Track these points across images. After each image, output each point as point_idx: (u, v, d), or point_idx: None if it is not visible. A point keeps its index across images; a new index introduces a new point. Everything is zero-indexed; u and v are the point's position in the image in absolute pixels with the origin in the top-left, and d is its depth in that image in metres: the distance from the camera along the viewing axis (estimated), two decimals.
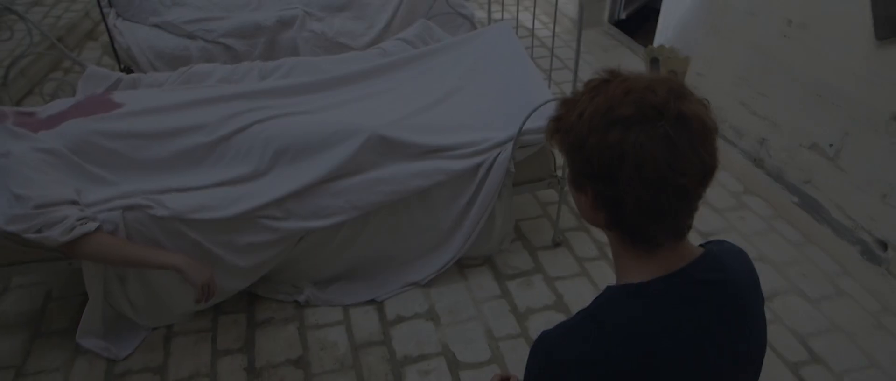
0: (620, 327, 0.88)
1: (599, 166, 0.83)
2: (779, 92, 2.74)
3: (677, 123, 0.79)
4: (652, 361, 0.85)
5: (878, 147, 2.31)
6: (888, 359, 2.10)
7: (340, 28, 3.36)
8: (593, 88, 0.88)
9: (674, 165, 0.79)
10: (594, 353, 0.87)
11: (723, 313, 0.90)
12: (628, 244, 0.91)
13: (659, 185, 0.80)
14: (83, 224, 1.82)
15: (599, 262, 2.49)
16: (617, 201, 0.84)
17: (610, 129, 0.81)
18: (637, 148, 0.79)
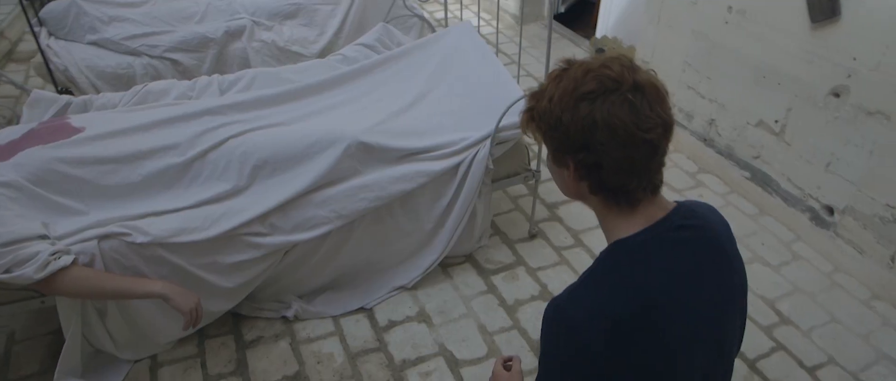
0: (620, 276, 1.00)
1: (577, 138, 0.96)
2: (724, 75, 2.91)
3: (634, 89, 0.94)
4: (653, 301, 0.97)
5: (818, 121, 2.50)
6: (845, 313, 2.29)
7: (291, 36, 3.30)
8: (556, 76, 1.02)
9: (639, 124, 0.93)
10: (602, 304, 0.97)
11: (705, 252, 1.04)
12: (612, 205, 1.03)
13: (630, 142, 0.94)
14: (57, 259, 1.72)
15: (576, 249, 2.58)
16: (596, 166, 0.97)
17: (579, 104, 0.96)
18: (605, 115, 0.93)
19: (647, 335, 0.98)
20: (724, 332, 1.08)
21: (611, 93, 0.94)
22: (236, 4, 3.31)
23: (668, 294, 0.99)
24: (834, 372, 2.06)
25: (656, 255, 1.01)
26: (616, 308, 0.97)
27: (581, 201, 1.11)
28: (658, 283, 0.99)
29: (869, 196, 2.38)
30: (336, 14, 3.38)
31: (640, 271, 1.00)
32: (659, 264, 1.00)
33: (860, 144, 2.37)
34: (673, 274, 1.00)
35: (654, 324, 0.98)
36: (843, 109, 2.40)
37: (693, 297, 1.01)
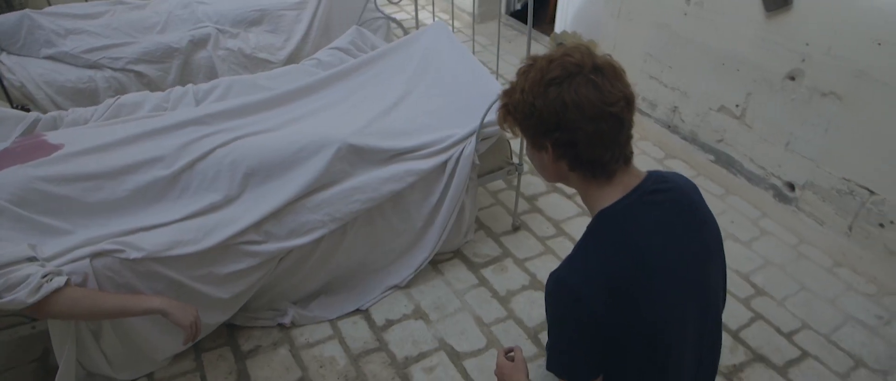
0: (609, 241, 1.12)
1: (550, 119, 1.09)
2: (685, 64, 3.05)
3: (595, 70, 1.07)
4: (643, 258, 1.10)
5: (777, 103, 2.66)
6: (813, 281, 2.45)
7: (257, 43, 3.26)
8: (524, 71, 1.14)
9: (603, 99, 1.06)
10: (598, 268, 1.09)
11: (680, 210, 1.17)
12: (590, 179, 1.15)
13: (598, 117, 1.06)
14: (50, 281, 1.67)
15: (559, 238, 2.66)
16: (572, 142, 1.10)
17: (548, 89, 1.08)
18: (573, 95, 1.06)
19: (642, 292, 1.10)
20: (708, 280, 1.20)
21: (575, 76, 1.07)
22: (199, 13, 3.25)
23: (654, 251, 1.11)
24: (809, 336, 2.21)
25: (638, 217, 1.13)
26: (611, 270, 1.09)
27: (562, 183, 1.23)
28: (644, 241, 1.11)
29: (826, 171, 2.55)
30: (302, 19, 3.36)
31: (626, 233, 1.12)
32: (641, 225, 1.13)
33: (816, 124, 2.53)
34: (655, 232, 1.13)
35: (647, 280, 1.11)
36: (798, 91, 2.56)
37: (676, 250, 1.14)
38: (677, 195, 1.18)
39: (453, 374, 2.04)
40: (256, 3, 3.34)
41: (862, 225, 2.48)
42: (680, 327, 1.16)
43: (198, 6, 3.29)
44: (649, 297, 1.11)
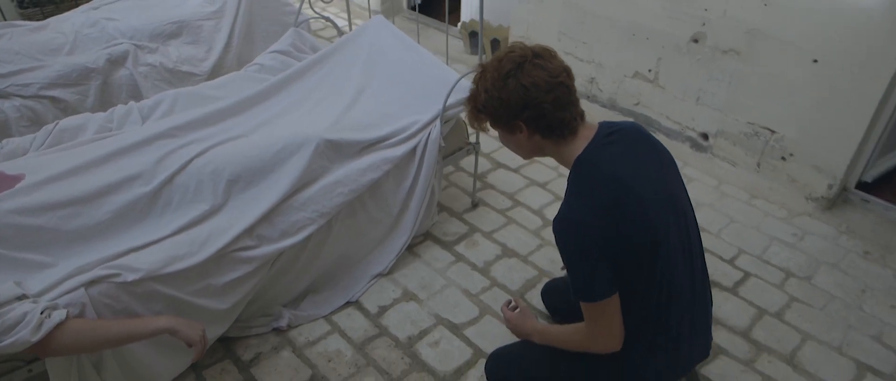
0: (593, 177, 1.40)
1: (517, 103, 1.38)
2: (598, 38, 3.35)
3: (535, 56, 1.38)
4: (622, 183, 1.37)
5: (684, 64, 3.02)
6: (737, 214, 2.82)
7: (179, 56, 3.14)
8: (479, 77, 1.45)
9: (550, 74, 1.37)
10: (591, 200, 1.37)
11: (635, 142, 1.48)
12: (560, 140, 1.44)
13: (552, 88, 1.37)
14: (49, 316, 1.58)
15: (517, 208, 2.84)
16: (540, 115, 1.39)
17: (507, 81, 1.38)
18: (528, 79, 1.36)
19: (628, 206, 1.38)
20: (671, 187, 1.50)
21: (523, 64, 1.37)
22: (110, 30, 3.07)
23: (628, 175, 1.39)
24: (746, 259, 2.56)
25: (605, 154, 1.43)
26: (599, 197, 1.37)
27: (537, 156, 1.54)
28: (617, 169, 1.40)
29: (733, 118, 2.94)
30: (221, 28, 3.27)
31: (601, 165, 1.41)
32: (611, 158, 1.42)
33: (721, 78, 2.91)
34: (621, 160, 1.42)
35: (627, 196, 1.38)
36: (702, 51, 2.93)
37: (641, 170, 1.43)
38: (627, 133, 1.49)
39: (458, 344, 2.15)
40: (171, 15, 3.21)
41: (768, 161, 2.89)
42: (664, 230, 1.43)
43: (107, 23, 3.10)
44: (634, 209, 1.38)
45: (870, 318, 2.30)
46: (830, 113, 2.61)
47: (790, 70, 2.65)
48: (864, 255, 2.60)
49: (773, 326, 2.25)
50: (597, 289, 1.40)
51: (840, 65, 2.51)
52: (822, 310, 2.33)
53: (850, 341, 2.20)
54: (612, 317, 1.45)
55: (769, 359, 2.12)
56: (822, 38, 2.51)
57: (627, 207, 1.37)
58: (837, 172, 2.69)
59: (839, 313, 2.32)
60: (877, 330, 2.25)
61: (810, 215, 2.80)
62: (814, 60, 2.57)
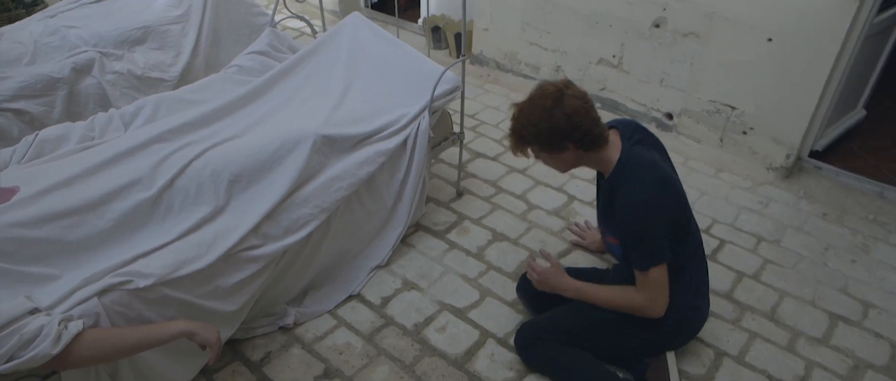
0: (641, 169, 1.72)
1: (566, 128, 1.68)
2: (561, 27, 3.47)
3: (566, 87, 1.72)
4: (662, 169, 1.74)
5: (647, 48, 3.18)
6: (707, 187, 3.00)
7: (146, 62, 3.07)
8: (519, 112, 1.77)
9: (583, 100, 1.71)
10: (647, 184, 1.69)
11: (648, 140, 1.86)
12: (599, 149, 1.77)
13: (587, 110, 1.71)
14: (66, 328, 1.55)
15: (501, 195, 2.93)
16: (585, 134, 1.71)
17: (553, 111, 1.68)
18: (569, 107, 1.67)
19: (674, 190, 1.74)
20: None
21: (562, 96, 1.69)
22: (73, 38, 2.96)
23: (660, 163, 1.78)
24: (720, 228, 2.73)
25: (639, 150, 1.78)
26: (654, 182, 1.69)
27: (576, 167, 1.84)
28: (654, 160, 1.76)
29: (696, 98, 3.11)
30: (188, 32, 3.21)
31: (643, 160, 1.74)
32: (645, 153, 1.77)
33: (682, 60, 3.08)
34: (650, 154, 1.78)
35: (670, 182, 1.74)
36: (664, 35, 3.09)
37: (672, 170, 1.81)
38: (643, 135, 1.85)
39: (464, 327, 2.22)
40: (136, 20, 3.13)
41: (730, 136, 3.08)
42: (688, 206, 1.84)
43: (68, 31, 3.00)
44: (674, 189, 1.75)
45: (835, 273, 2.50)
46: (785, 88, 2.81)
47: (747, 49, 2.84)
48: (823, 217, 2.82)
49: (752, 287, 2.42)
50: (665, 254, 1.72)
51: (792, 43, 2.71)
52: (792, 269, 2.51)
53: (820, 295, 2.39)
54: (666, 283, 1.76)
55: (753, 317, 2.28)
56: (776, 18, 2.70)
57: (671, 187, 1.73)
58: (794, 143, 2.91)
59: (808, 270, 2.51)
60: (842, 284, 2.45)
61: (772, 183, 3.01)
62: (768, 39, 2.76)
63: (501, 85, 3.94)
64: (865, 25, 2.62)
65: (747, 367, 2.08)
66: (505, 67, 3.90)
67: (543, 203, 2.87)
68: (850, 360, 2.13)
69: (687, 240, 1.85)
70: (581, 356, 1.94)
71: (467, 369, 2.06)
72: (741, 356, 2.12)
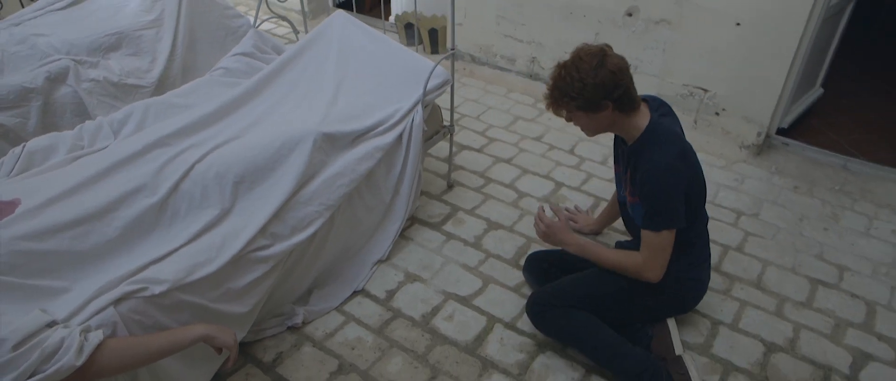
0: (665, 135, 1.82)
1: (610, 85, 1.74)
2: (536, 19, 3.55)
3: (607, 47, 1.78)
4: (684, 140, 1.86)
5: (621, 37, 3.28)
6: None
7: (122, 69, 2.99)
8: (562, 71, 1.80)
9: (622, 59, 1.78)
10: (672, 152, 1.78)
11: (674, 116, 1.97)
12: (631, 113, 1.83)
13: (627, 69, 1.78)
14: (87, 339, 1.53)
15: (491, 185, 2.99)
16: (625, 93, 1.77)
17: (598, 70, 1.73)
18: (613, 66, 1.74)
19: (693, 161, 1.86)
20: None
21: (605, 56, 1.75)
22: (43, 46, 2.86)
23: (682, 135, 1.86)
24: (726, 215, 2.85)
25: (666, 121, 1.88)
26: (678, 151, 1.80)
27: (605, 131, 1.90)
28: (677, 131, 1.89)
29: (669, 82, 3.24)
30: (163, 37, 3.14)
31: (668, 130, 1.84)
32: (670, 125, 1.88)
33: (655, 47, 3.20)
34: (674, 126, 1.90)
35: (690, 152, 1.85)
36: (637, 23, 3.20)
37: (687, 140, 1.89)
38: (667, 110, 1.94)
39: (471, 314, 2.27)
40: (108, 26, 3.05)
41: (703, 117, 3.22)
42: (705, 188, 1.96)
43: (37, 39, 2.90)
44: (694, 159, 1.87)
45: (810, 241, 2.66)
46: (754, 69, 2.96)
47: (717, 34, 2.98)
48: (795, 189, 2.99)
49: (737, 259, 2.55)
50: (679, 220, 1.82)
51: (759, 26, 2.85)
52: (772, 239, 2.66)
53: (799, 262, 2.54)
54: (670, 249, 1.85)
55: (741, 286, 2.41)
56: (743, 3, 2.84)
57: (691, 157, 1.85)
58: (764, 121, 3.06)
59: (786, 240, 2.66)
60: (817, 250, 2.61)
61: (745, 161, 3.16)
62: (737, 23, 2.90)
63: (477, 78, 4.00)
64: (824, 7, 2.78)
65: (742, 333, 2.20)
66: (480, 60, 3.96)
67: (532, 191, 2.94)
68: (832, 320, 2.27)
69: (697, 217, 1.95)
70: (590, 320, 2.01)
71: (479, 354, 2.11)
72: (735, 324, 2.24)
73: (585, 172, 3.10)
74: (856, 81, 4.13)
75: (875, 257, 2.58)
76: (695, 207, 1.89)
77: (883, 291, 2.41)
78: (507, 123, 3.54)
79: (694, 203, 1.88)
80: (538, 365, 2.07)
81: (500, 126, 3.50)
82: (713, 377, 2.04)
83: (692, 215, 1.88)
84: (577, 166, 3.15)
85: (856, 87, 4.06)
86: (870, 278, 2.48)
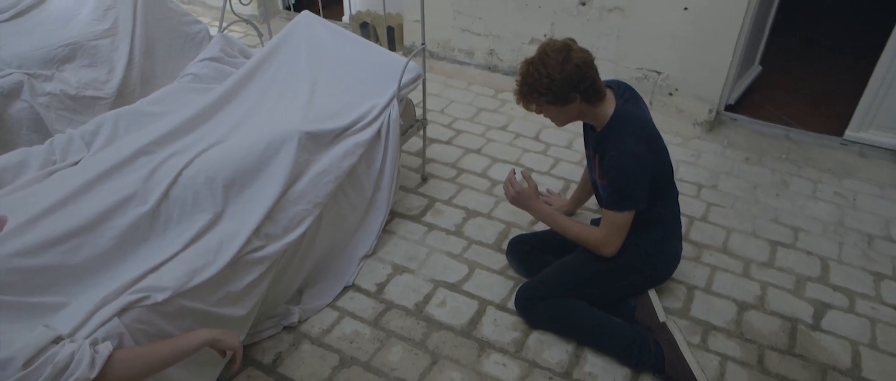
0: (631, 120, 1.90)
1: (576, 79, 1.81)
2: (492, 12, 3.65)
3: (571, 42, 1.85)
4: (651, 124, 1.96)
5: (576, 25, 3.42)
6: None
7: (79, 81, 2.90)
8: (530, 68, 1.86)
9: (586, 53, 1.85)
10: (636, 134, 1.88)
11: (637, 99, 2.03)
12: (598, 103, 1.91)
13: (591, 61, 1.86)
14: (97, 351, 1.52)
15: (464, 175, 3.06)
16: (591, 85, 1.85)
17: (564, 65, 1.80)
18: (578, 59, 1.81)
19: (660, 144, 1.95)
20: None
21: (570, 51, 1.82)
22: None
23: (649, 120, 1.94)
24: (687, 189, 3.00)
25: (631, 107, 1.96)
26: (644, 136, 1.88)
27: (576, 120, 1.99)
28: (643, 116, 1.96)
29: (625, 66, 3.40)
30: (119, 46, 3.06)
31: (635, 116, 1.93)
32: (635, 110, 1.96)
33: (609, 34, 3.35)
34: (641, 111, 1.97)
35: (657, 136, 1.94)
36: (591, 12, 3.34)
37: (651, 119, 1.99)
38: (631, 95, 2.01)
39: (462, 300, 2.33)
40: (60, 37, 2.94)
41: (658, 98, 3.39)
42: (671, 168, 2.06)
43: None
44: (660, 143, 1.95)
45: (765, 207, 2.86)
46: (703, 51, 3.15)
47: (666, 19, 3.15)
48: (746, 161, 3.20)
49: (703, 228, 2.71)
50: (639, 203, 1.93)
51: (705, 9, 3.04)
52: (732, 208, 2.84)
53: (758, 226, 2.73)
54: (626, 228, 1.95)
55: (710, 253, 2.57)
56: None
57: (657, 141, 1.95)
58: (714, 99, 3.26)
59: (744, 207, 2.85)
60: (773, 215, 2.81)
61: (699, 137, 3.36)
62: (685, 8, 3.08)
63: (437, 73, 4.07)
64: None
65: (715, 295, 2.36)
66: (438, 55, 4.02)
67: (504, 178, 3.03)
68: (792, 276, 2.46)
69: (666, 193, 2.07)
70: (578, 305, 2.12)
71: (475, 336, 2.18)
72: (708, 287, 2.40)
73: (553, 157, 3.22)
74: (789, 59, 4.43)
75: (823, 218, 2.81)
76: (662, 186, 2.01)
77: (833, 247, 2.63)
78: (471, 114, 3.62)
79: (661, 183, 1.99)
80: (533, 341, 2.16)
81: (465, 118, 3.58)
82: (695, 337, 2.18)
83: (659, 194, 2.00)
84: (544, 152, 3.26)
85: (789, 64, 4.35)
86: (820, 236, 2.69)
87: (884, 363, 2.10)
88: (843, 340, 2.19)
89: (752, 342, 2.16)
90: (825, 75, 4.22)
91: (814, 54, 4.59)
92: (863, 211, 2.86)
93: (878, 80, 3.06)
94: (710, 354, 2.12)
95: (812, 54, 4.59)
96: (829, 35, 4.97)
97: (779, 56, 4.33)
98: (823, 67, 4.36)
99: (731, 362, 2.09)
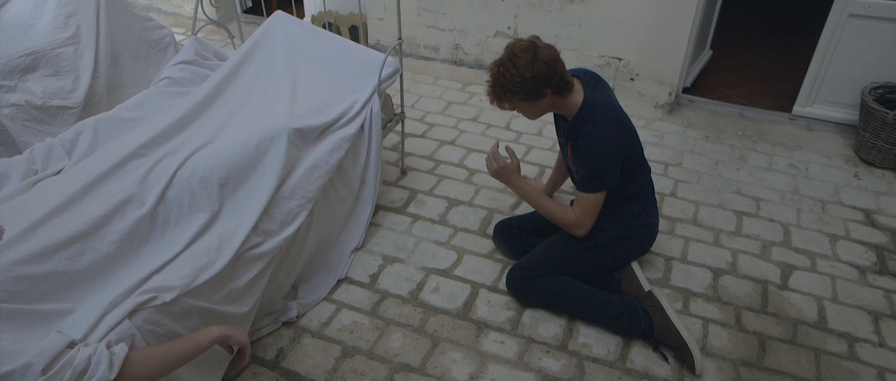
0: (601, 107, 2.00)
1: (546, 75, 1.89)
2: (456, 7, 3.72)
3: (537, 40, 1.94)
4: (619, 109, 2.06)
5: (539, 17, 3.53)
6: None
7: (45, 91, 2.82)
8: (498, 67, 1.95)
9: (552, 49, 1.93)
10: (608, 122, 1.97)
11: (604, 86, 2.12)
12: (567, 94, 1.99)
13: (558, 57, 1.93)
14: (115, 353, 1.52)
15: (442, 165, 3.13)
16: (560, 79, 1.93)
17: (534, 63, 1.88)
18: (545, 56, 1.89)
19: (629, 127, 2.06)
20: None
21: (537, 49, 1.89)
22: None
23: (616, 104, 2.06)
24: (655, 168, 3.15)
25: (597, 94, 2.05)
26: (613, 121, 2.00)
27: (548, 112, 2.07)
28: (611, 102, 2.06)
29: (588, 54, 3.53)
30: (83, 54, 2.98)
31: (602, 103, 2.02)
32: (603, 96, 2.05)
33: (572, 24, 3.48)
34: (608, 97, 2.07)
35: (626, 120, 2.06)
36: (552, 3, 3.46)
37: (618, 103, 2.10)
38: (597, 82, 2.08)
39: (455, 285, 2.40)
40: (21, 47, 2.85)
41: (620, 83, 3.54)
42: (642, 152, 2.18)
43: None
44: (629, 126, 2.06)
45: (728, 180, 3.04)
46: (661, 37, 3.31)
47: (625, 8, 3.29)
48: (706, 139, 3.38)
49: (673, 203, 2.87)
50: (610, 184, 2.03)
51: None
52: (697, 183, 3.01)
53: (723, 199, 2.91)
54: (598, 209, 2.09)
55: (682, 226, 2.72)
56: None
57: (626, 124, 2.04)
58: (673, 82, 3.43)
59: (709, 182, 3.02)
60: (735, 187, 2.99)
61: (661, 119, 3.53)
62: None
63: (404, 69, 4.11)
64: None
65: (691, 264, 2.51)
66: (405, 52, 4.07)
67: (482, 167, 3.12)
68: (759, 242, 2.64)
69: (639, 172, 2.18)
70: (568, 282, 2.22)
71: (471, 318, 2.26)
72: (684, 258, 2.54)
73: (525, 144, 3.33)
74: (735, 43, 4.68)
75: (780, 187, 3.01)
76: (635, 164, 2.13)
77: (791, 213, 2.83)
78: (441, 108, 3.69)
79: (634, 162, 2.11)
80: (527, 318, 2.25)
81: (436, 112, 3.65)
82: (677, 304, 2.32)
83: (634, 172, 2.12)
84: (516, 140, 3.36)
85: (736, 48, 4.60)
86: (779, 204, 2.89)
87: (845, 314, 2.28)
88: (808, 296, 2.36)
89: (729, 304, 2.32)
90: (769, 56, 4.48)
91: (758, 39, 4.86)
92: (814, 179, 3.08)
93: (818, 59, 3.29)
94: (692, 318, 2.26)
95: (757, 38, 4.86)
96: (770, 18, 5.27)
97: (726, 39, 4.57)
98: (767, 49, 4.63)
99: (712, 323, 2.23)
